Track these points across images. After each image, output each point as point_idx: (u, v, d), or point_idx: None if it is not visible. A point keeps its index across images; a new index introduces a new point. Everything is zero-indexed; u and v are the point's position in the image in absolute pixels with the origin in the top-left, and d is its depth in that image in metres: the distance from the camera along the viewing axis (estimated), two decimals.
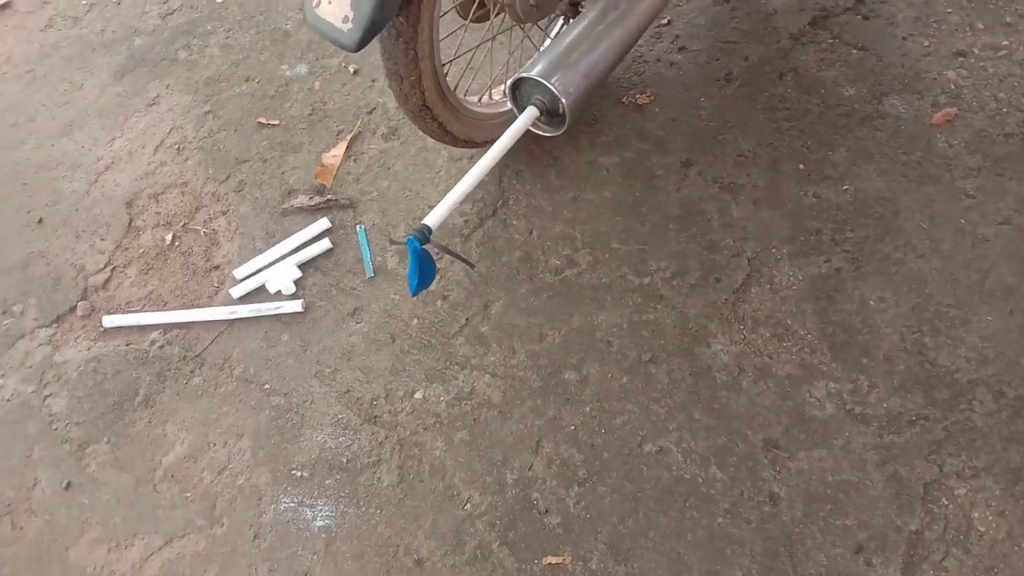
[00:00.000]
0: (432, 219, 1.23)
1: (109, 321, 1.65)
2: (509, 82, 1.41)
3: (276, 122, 1.95)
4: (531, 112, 1.37)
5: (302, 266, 1.70)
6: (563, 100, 1.34)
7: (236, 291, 1.67)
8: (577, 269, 1.64)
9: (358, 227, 1.74)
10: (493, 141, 1.37)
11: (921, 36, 1.91)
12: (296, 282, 1.67)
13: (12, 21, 2.27)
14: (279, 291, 1.66)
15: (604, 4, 1.48)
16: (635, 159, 1.78)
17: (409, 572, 1.35)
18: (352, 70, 2.03)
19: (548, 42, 1.80)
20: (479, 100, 1.71)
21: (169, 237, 1.78)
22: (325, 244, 1.71)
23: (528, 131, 1.44)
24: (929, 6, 1.97)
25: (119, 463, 1.50)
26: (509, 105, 1.49)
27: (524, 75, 1.36)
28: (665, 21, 2.05)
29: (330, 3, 1.22)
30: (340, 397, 1.53)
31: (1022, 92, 1.76)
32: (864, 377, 1.46)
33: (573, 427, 1.46)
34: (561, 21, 1.77)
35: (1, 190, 1.89)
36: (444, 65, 1.53)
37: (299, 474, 1.46)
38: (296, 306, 1.63)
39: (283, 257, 1.71)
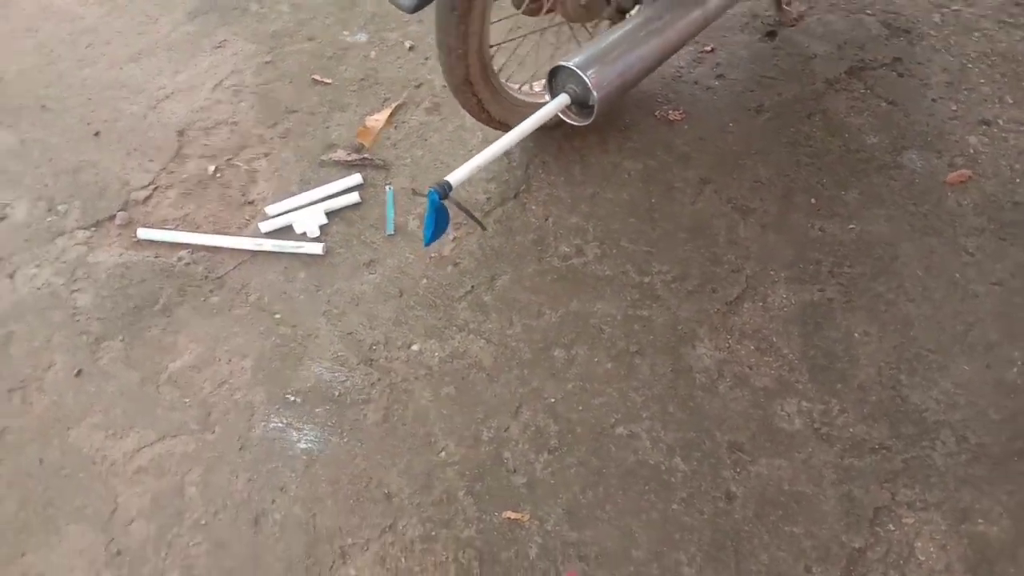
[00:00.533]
0: (454, 177, 1.32)
1: (143, 233, 1.76)
2: (549, 68, 1.50)
3: (329, 81, 2.07)
4: (563, 99, 1.46)
5: (329, 214, 1.80)
6: (595, 92, 1.44)
7: (265, 226, 1.77)
8: (584, 259, 1.73)
9: (387, 187, 1.84)
10: None
11: (950, 100, 1.99)
12: (321, 227, 1.78)
13: None
14: (304, 233, 1.76)
15: (648, 14, 1.58)
16: (657, 168, 1.87)
17: (377, 503, 1.43)
18: (408, 46, 2.15)
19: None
20: (520, 88, 1.81)
21: (212, 168, 1.90)
22: (354, 198, 1.81)
23: (562, 125, 1.54)
24: (964, 74, 2.05)
25: (129, 361, 1.60)
26: (545, 92, 1.59)
27: (563, 63, 1.46)
28: (709, 48, 2.15)
29: None
30: (343, 337, 1.63)
31: None
32: (836, 401, 1.52)
33: (553, 400, 1.54)
34: (607, 24, 1.87)
35: (68, 101, 2.02)
36: (492, 47, 1.63)
37: (292, 399, 1.55)
38: (317, 248, 1.73)
39: (314, 203, 1.82)
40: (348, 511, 1.42)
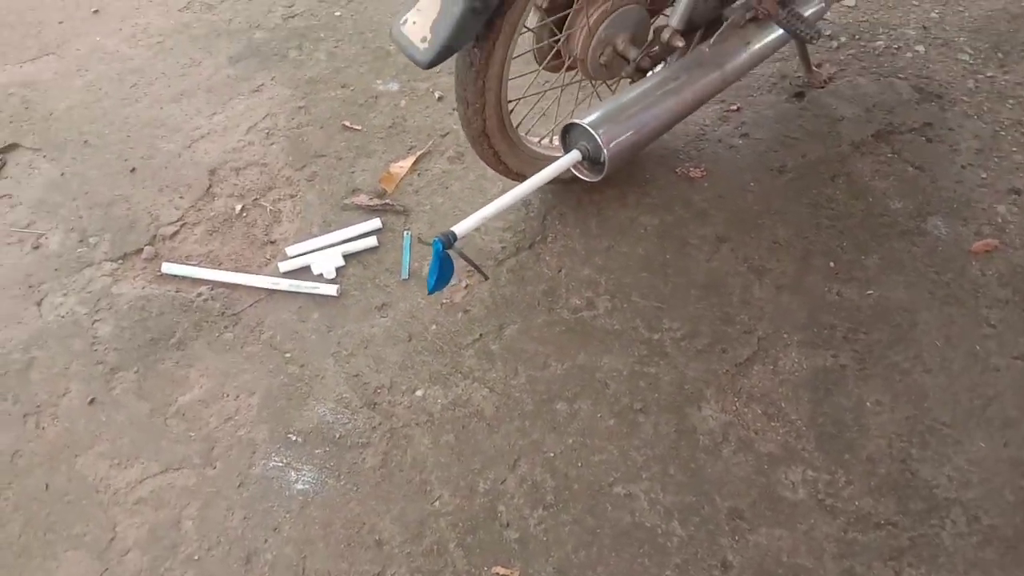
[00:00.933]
0: (460, 227, 1.34)
1: (167, 268, 1.82)
2: (562, 124, 1.53)
3: (359, 128, 2.12)
4: (574, 155, 1.48)
5: (347, 257, 1.83)
6: (605, 151, 1.45)
7: (284, 265, 1.81)
8: (594, 312, 1.72)
9: (405, 232, 1.87)
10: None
11: (980, 168, 1.96)
12: (338, 269, 1.81)
13: None
14: (321, 274, 1.80)
15: (666, 74, 1.59)
16: (674, 224, 1.87)
17: (368, 549, 1.42)
18: (437, 96, 2.20)
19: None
20: (539, 141, 1.84)
21: (239, 207, 1.95)
22: (372, 241, 1.85)
23: (581, 180, 1.56)
24: (995, 142, 2.02)
25: (141, 392, 1.64)
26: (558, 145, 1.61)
27: (575, 121, 1.48)
28: (735, 107, 2.16)
29: (415, 24, 1.37)
30: (349, 379, 1.64)
31: None
32: (843, 472, 1.48)
33: (552, 454, 1.53)
34: (628, 82, 1.89)
35: (109, 137, 2.11)
36: (511, 102, 1.66)
37: (294, 438, 1.56)
38: (332, 290, 1.76)
39: (333, 245, 1.85)
40: (338, 556, 1.42)
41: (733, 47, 1.65)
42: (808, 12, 1.73)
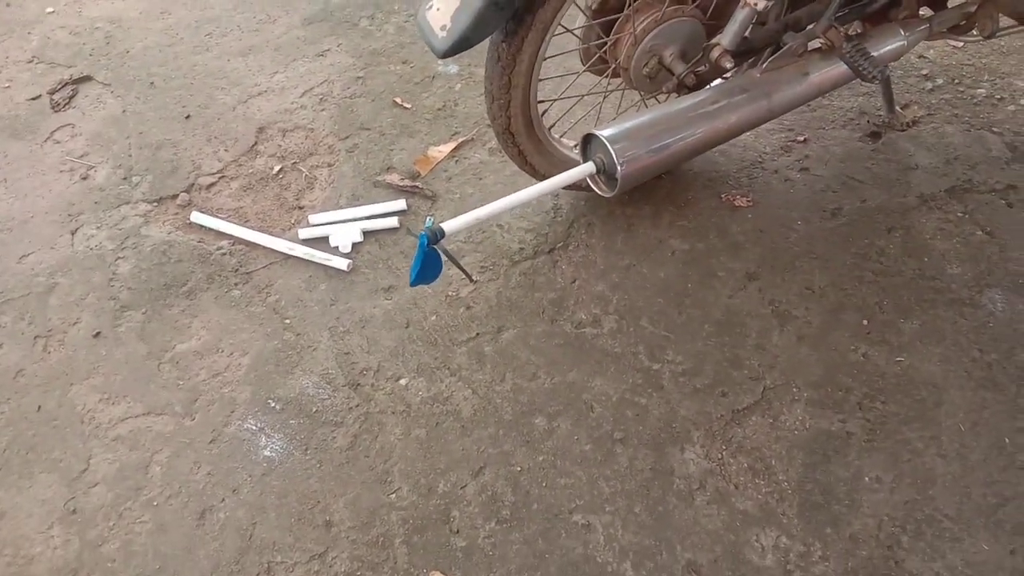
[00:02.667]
0: (449, 225, 1.30)
1: (196, 217, 1.86)
2: (582, 134, 1.46)
3: (408, 106, 2.11)
4: (588, 167, 1.42)
5: (366, 233, 1.83)
6: (619, 167, 1.38)
7: (304, 233, 1.83)
8: (598, 330, 1.66)
9: (428, 218, 1.84)
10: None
11: None
12: (354, 244, 1.81)
13: None
14: (337, 247, 1.80)
15: (705, 95, 1.50)
16: (704, 253, 1.77)
17: (316, 528, 1.42)
18: None
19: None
20: (574, 146, 1.77)
21: (277, 168, 1.98)
22: (393, 222, 1.83)
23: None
24: None
25: (143, 334, 1.68)
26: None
27: (594, 132, 1.41)
28: (802, 138, 2.03)
29: (438, 11, 1.34)
30: (339, 356, 1.64)
31: None
32: (820, 545, 1.37)
33: (519, 469, 1.48)
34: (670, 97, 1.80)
35: (173, 81, 2.18)
36: (544, 102, 1.61)
37: (273, 404, 1.58)
38: (343, 264, 1.76)
39: (355, 220, 1.85)
40: (286, 529, 1.42)
41: (787, 76, 1.54)
42: (884, 49, 1.60)
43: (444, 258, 1.32)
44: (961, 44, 2.24)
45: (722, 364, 1.60)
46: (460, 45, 1.31)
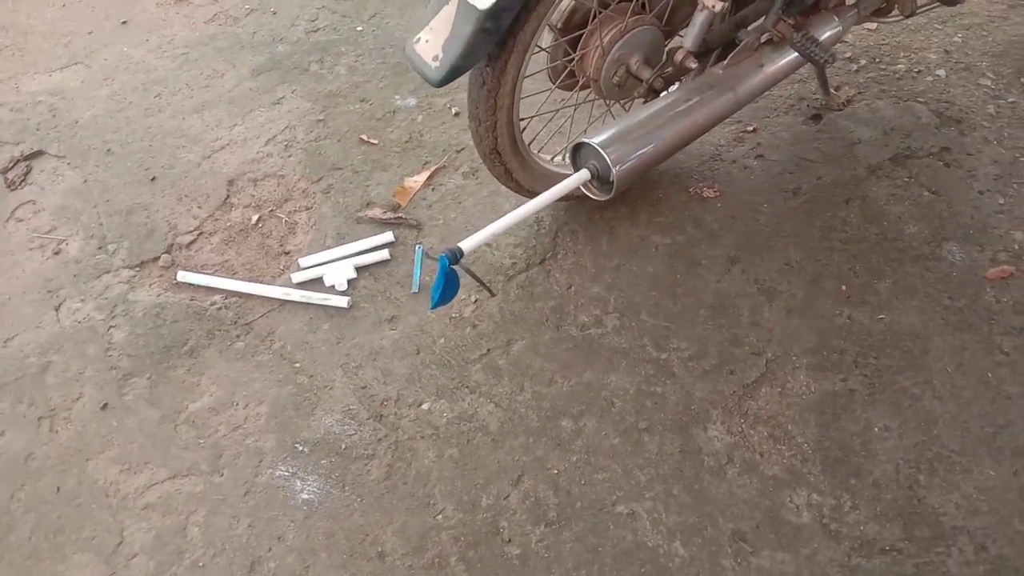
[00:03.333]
0: (467, 244, 1.35)
1: (183, 276, 1.85)
2: (571, 143, 1.54)
3: (375, 142, 2.15)
4: (583, 174, 1.49)
5: (359, 269, 1.85)
6: (614, 170, 1.46)
7: (297, 276, 1.84)
8: (602, 330, 1.73)
9: (417, 246, 1.89)
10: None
11: (998, 193, 1.94)
12: (349, 281, 1.83)
13: (185, 10, 2.60)
14: (333, 286, 1.82)
15: (678, 95, 1.60)
16: (685, 244, 1.87)
17: (369, 561, 1.43)
18: (454, 112, 2.22)
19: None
20: (552, 159, 1.85)
21: (255, 218, 1.98)
22: (384, 255, 1.86)
23: (592, 198, 1.57)
24: (1015, 167, 2.00)
25: (152, 398, 1.66)
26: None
27: (585, 140, 1.49)
28: (751, 128, 2.16)
29: (427, 42, 1.39)
30: (357, 391, 1.66)
31: None
32: (848, 496, 1.47)
33: (556, 471, 1.53)
34: (642, 102, 1.90)
35: (131, 146, 2.15)
36: (524, 120, 1.68)
37: (301, 448, 1.58)
38: (343, 302, 1.78)
39: (345, 257, 1.87)
40: (340, 566, 1.43)
41: (746, 69, 1.66)
42: (824, 36, 1.73)
43: (462, 276, 1.36)
44: (875, 26, 2.43)
45: (724, 344, 1.69)
46: (454, 72, 1.37)
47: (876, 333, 1.69)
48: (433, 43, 1.38)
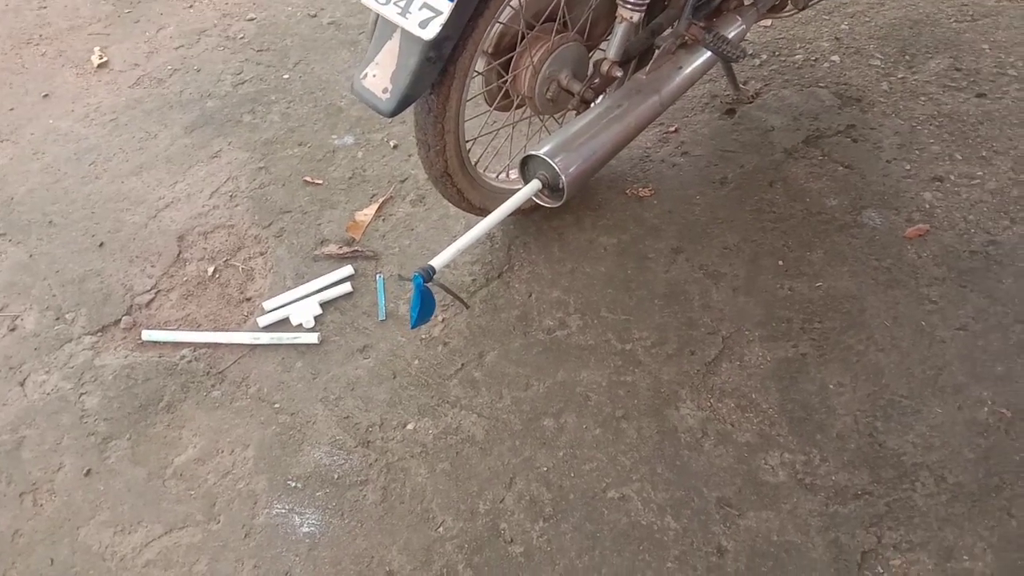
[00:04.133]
0: (437, 261, 1.42)
1: (147, 335, 1.85)
2: (520, 156, 1.63)
3: (320, 182, 2.20)
4: (535, 184, 1.58)
5: (323, 305, 1.89)
6: (563, 177, 1.55)
7: (263, 320, 1.87)
8: (567, 331, 1.81)
9: (378, 276, 1.94)
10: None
11: (904, 161, 2.12)
12: (316, 318, 1.87)
13: (107, 77, 2.60)
14: (300, 324, 1.85)
15: (609, 103, 1.71)
16: (631, 241, 1.98)
17: None
18: (392, 145, 2.29)
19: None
20: (497, 176, 1.94)
21: (211, 270, 2.00)
22: (346, 288, 1.91)
23: (540, 207, 1.66)
24: (914, 135, 2.19)
25: (136, 458, 1.66)
26: (519, 179, 1.71)
27: (533, 152, 1.58)
28: (673, 128, 2.30)
29: (375, 76, 1.47)
30: (340, 421, 1.69)
31: (990, 216, 1.94)
32: (816, 451, 1.58)
33: (545, 468, 1.60)
34: (574, 114, 2.01)
35: (73, 215, 2.14)
36: (468, 142, 1.76)
37: (293, 484, 1.61)
38: (312, 338, 1.82)
39: (308, 295, 1.91)
40: None
41: (667, 72, 1.78)
42: (731, 34, 1.88)
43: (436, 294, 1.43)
44: (770, 23, 2.62)
45: (681, 328, 1.80)
46: (405, 102, 1.44)
47: (816, 300, 1.83)
48: (381, 76, 1.45)
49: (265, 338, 1.83)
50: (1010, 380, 1.64)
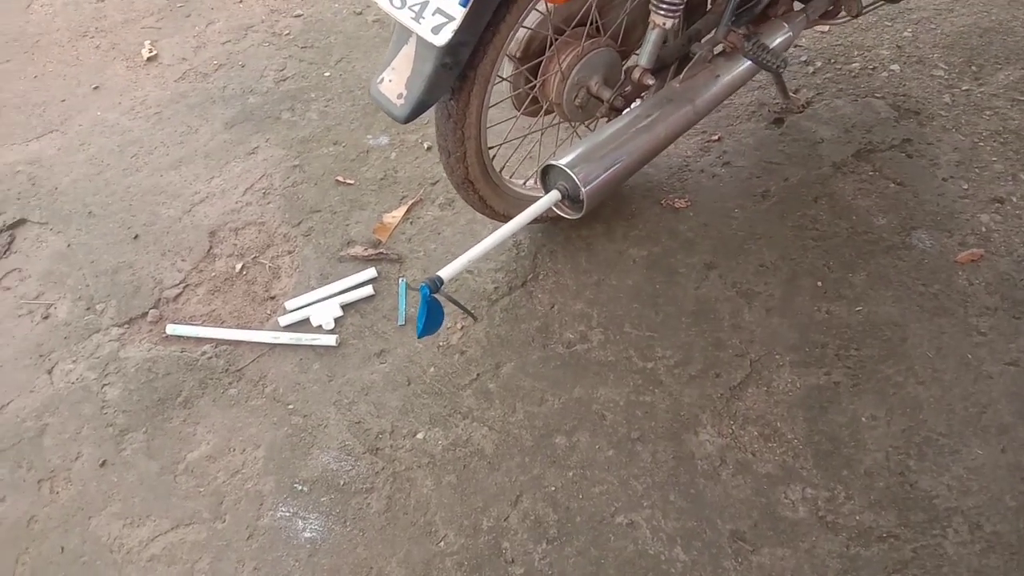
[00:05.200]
0: (446, 272, 1.38)
1: (172, 329, 1.87)
2: (540, 166, 1.58)
3: (352, 182, 2.19)
4: (554, 195, 1.53)
5: (345, 307, 1.88)
6: (583, 189, 1.50)
7: (284, 320, 1.86)
8: (588, 345, 1.76)
9: (400, 280, 1.92)
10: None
11: (961, 179, 1.99)
12: (336, 320, 1.85)
13: (155, 71, 2.65)
14: (320, 325, 1.84)
15: (639, 112, 1.65)
16: (662, 254, 1.91)
17: None
18: (426, 146, 2.27)
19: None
20: (524, 183, 1.89)
21: (239, 266, 2.01)
22: (368, 291, 1.90)
23: (566, 218, 1.60)
24: (975, 153, 2.05)
25: (150, 451, 1.68)
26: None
27: (553, 162, 1.53)
28: (716, 137, 2.21)
29: (391, 82, 1.44)
30: (351, 426, 1.68)
31: None
32: (842, 487, 1.49)
33: (554, 488, 1.55)
34: (605, 121, 1.95)
35: (112, 207, 2.19)
36: (492, 148, 1.72)
37: (300, 488, 1.60)
38: (331, 340, 1.81)
39: (330, 297, 1.90)
40: None
41: (703, 81, 1.71)
42: (776, 42, 1.79)
43: (445, 304, 1.39)
44: (827, 29, 2.50)
45: (707, 349, 1.72)
46: (419, 108, 1.41)
47: (855, 325, 1.73)
48: (396, 82, 1.42)
49: (285, 338, 1.83)
50: None
